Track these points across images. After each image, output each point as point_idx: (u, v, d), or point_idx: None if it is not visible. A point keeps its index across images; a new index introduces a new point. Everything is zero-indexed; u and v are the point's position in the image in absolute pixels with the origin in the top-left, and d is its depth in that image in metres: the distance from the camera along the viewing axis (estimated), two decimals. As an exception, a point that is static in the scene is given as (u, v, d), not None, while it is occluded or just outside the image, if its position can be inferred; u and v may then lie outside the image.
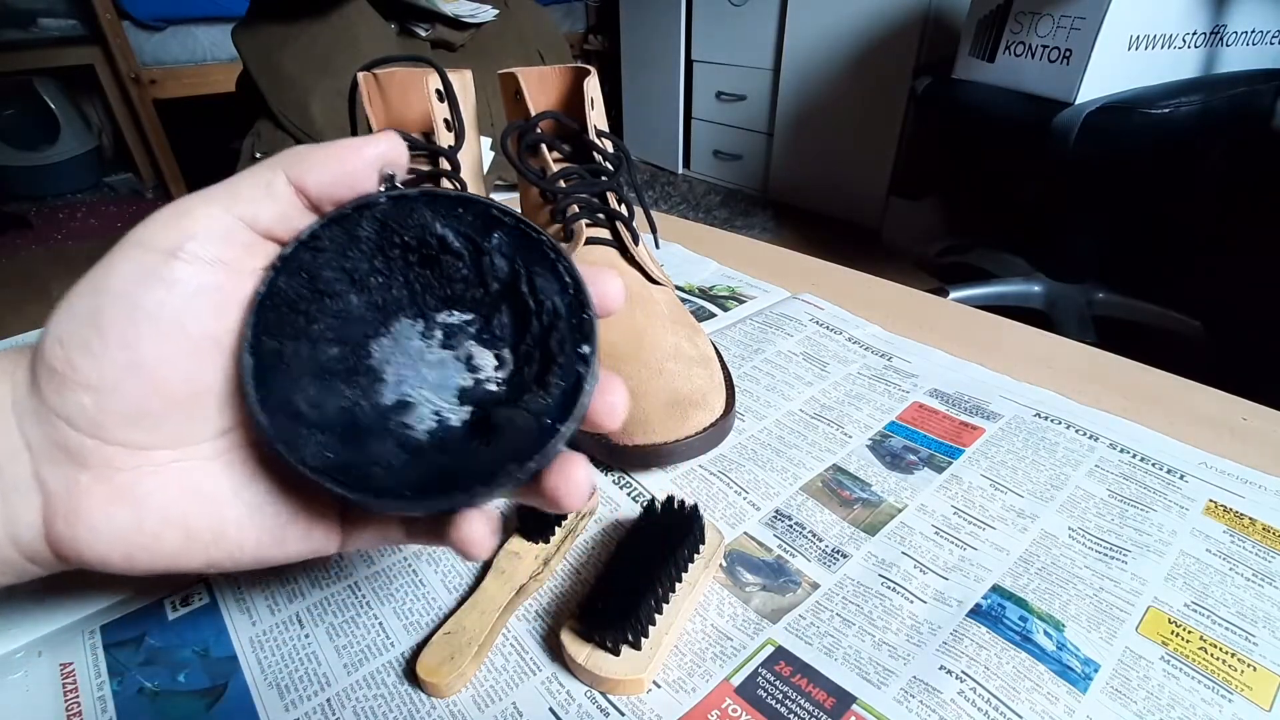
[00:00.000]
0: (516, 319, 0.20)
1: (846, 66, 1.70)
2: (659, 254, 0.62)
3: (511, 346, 0.19)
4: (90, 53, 1.83)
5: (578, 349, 0.19)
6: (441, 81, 0.42)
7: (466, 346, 0.20)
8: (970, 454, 0.36)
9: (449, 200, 0.20)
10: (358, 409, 0.19)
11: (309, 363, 0.19)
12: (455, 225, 0.20)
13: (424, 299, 0.20)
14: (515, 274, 0.20)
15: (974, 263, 1.44)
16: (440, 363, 0.19)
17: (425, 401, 0.19)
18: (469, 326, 0.20)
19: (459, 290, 0.20)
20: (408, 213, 0.20)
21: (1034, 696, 0.24)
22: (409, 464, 0.18)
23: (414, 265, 0.20)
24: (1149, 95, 0.95)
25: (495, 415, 0.18)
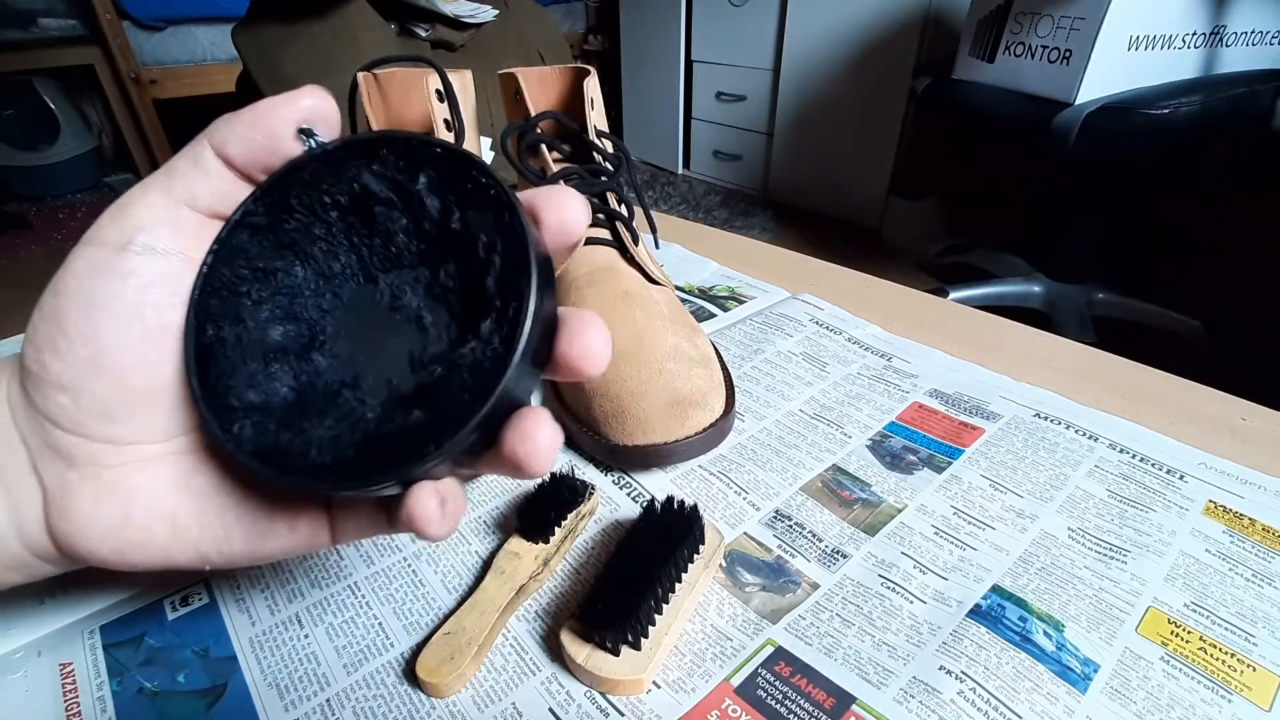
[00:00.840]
0: (461, 265, 0.18)
1: (846, 66, 1.70)
2: (659, 254, 0.62)
3: (462, 295, 0.18)
4: (90, 53, 1.83)
5: (515, 285, 0.17)
6: (441, 81, 0.42)
7: (415, 306, 0.18)
8: (970, 454, 0.36)
9: (369, 144, 0.18)
10: (308, 389, 0.18)
11: (255, 346, 0.18)
12: (381, 172, 0.18)
13: (370, 260, 0.18)
14: (448, 214, 0.18)
15: (974, 263, 1.44)
16: (392, 328, 0.18)
17: (375, 374, 0.18)
18: (416, 283, 0.18)
19: (402, 244, 0.18)
20: (334, 169, 0.18)
21: (1034, 697, 0.24)
22: (351, 442, 0.17)
23: (353, 225, 0.18)
24: (1149, 95, 0.95)
25: (439, 378, 0.17)
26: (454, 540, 0.31)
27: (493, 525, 0.32)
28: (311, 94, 0.19)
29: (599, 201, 0.42)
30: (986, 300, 1.24)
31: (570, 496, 0.30)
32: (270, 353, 0.18)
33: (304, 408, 0.18)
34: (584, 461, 0.36)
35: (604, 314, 0.37)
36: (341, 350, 0.18)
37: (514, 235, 0.17)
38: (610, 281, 0.39)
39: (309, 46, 0.96)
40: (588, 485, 0.31)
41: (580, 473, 0.35)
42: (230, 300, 0.18)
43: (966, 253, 1.47)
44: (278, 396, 0.18)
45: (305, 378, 0.18)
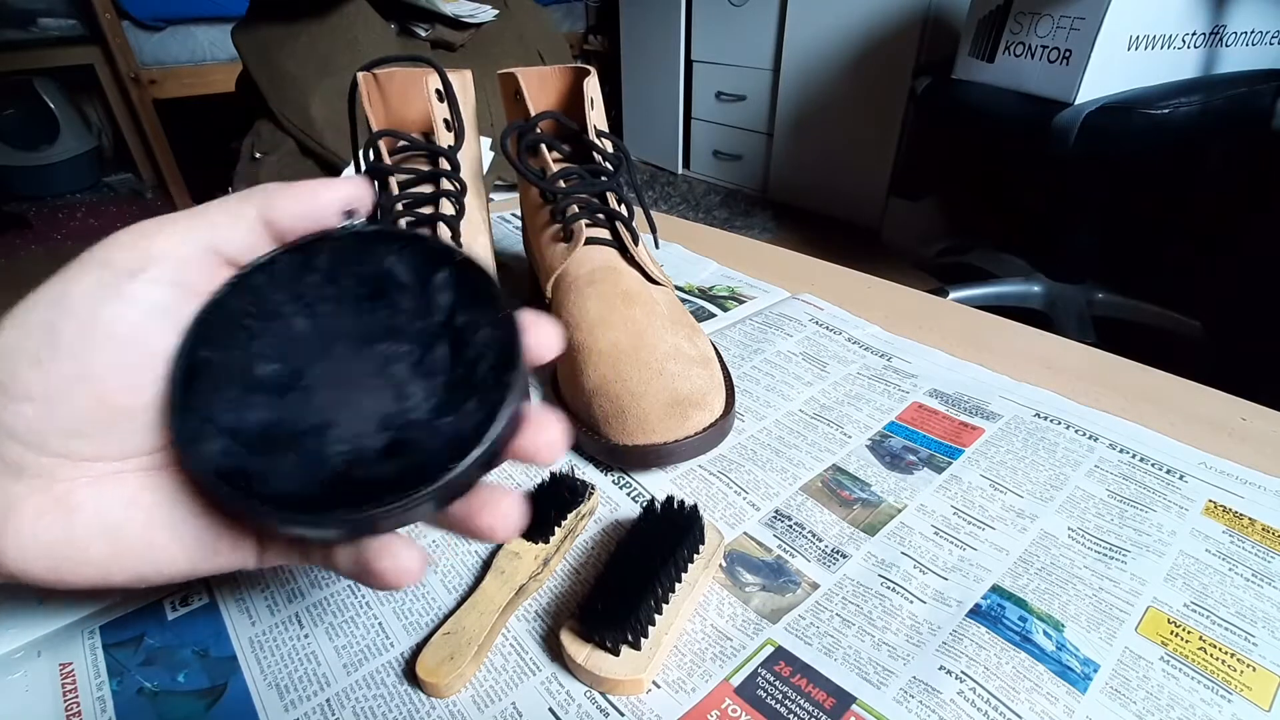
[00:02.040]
0: (452, 353, 0.20)
1: (846, 66, 1.70)
2: (659, 254, 0.62)
3: (444, 379, 0.20)
4: (90, 53, 1.83)
5: (500, 380, 0.19)
6: (441, 81, 0.42)
7: (400, 376, 0.20)
8: (970, 454, 0.36)
9: (402, 237, 0.21)
10: (277, 425, 0.19)
11: (240, 375, 0.19)
12: (405, 261, 0.21)
13: (370, 327, 0.20)
14: (455, 310, 0.20)
15: (974, 263, 1.44)
16: (372, 390, 0.19)
17: (347, 424, 0.19)
18: (406, 357, 0.20)
19: (402, 322, 0.20)
20: (362, 247, 0.21)
21: (1033, 697, 0.24)
22: (309, 480, 0.18)
23: (363, 296, 0.20)
24: (1148, 95, 0.95)
25: (408, 440, 0.19)
26: (454, 540, 0.31)
27: (493, 525, 0.32)
28: (354, 183, 0.21)
29: (599, 201, 0.42)
30: (986, 300, 1.24)
31: (570, 496, 0.30)
32: (253, 384, 0.19)
33: (271, 440, 0.18)
34: (584, 461, 0.36)
35: (604, 314, 0.37)
36: (319, 400, 0.19)
37: (509, 337, 0.20)
38: (610, 281, 0.39)
39: (309, 46, 0.96)
40: (588, 485, 0.31)
41: (580, 473, 0.35)
42: (230, 329, 0.19)
43: (966, 253, 1.47)
44: (250, 424, 0.19)
45: (278, 414, 0.19)
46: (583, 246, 0.40)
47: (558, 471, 0.31)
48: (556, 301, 0.40)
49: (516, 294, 0.48)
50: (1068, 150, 0.97)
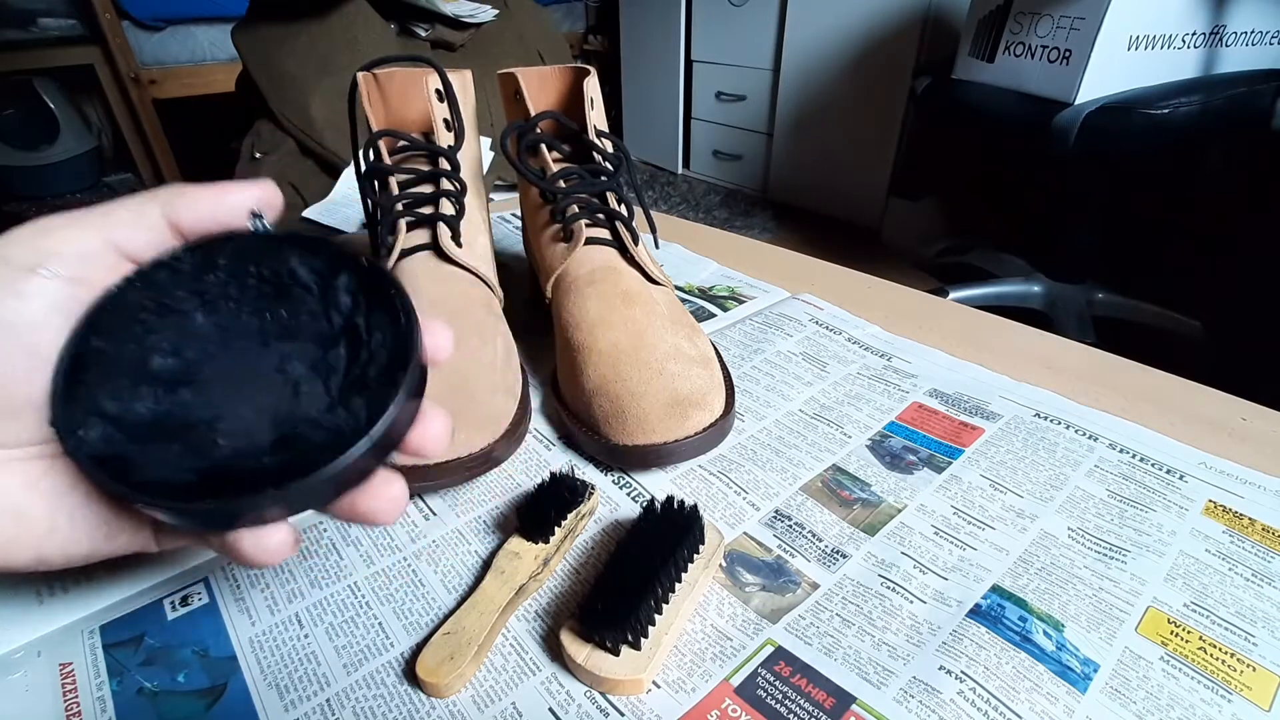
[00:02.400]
0: (350, 353, 0.20)
1: (846, 66, 1.70)
2: (659, 254, 0.62)
3: (339, 379, 0.20)
4: (90, 53, 1.82)
5: (391, 378, 0.19)
6: (441, 81, 0.42)
7: (296, 374, 0.20)
8: (970, 454, 0.36)
9: (309, 241, 0.21)
10: (167, 415, 0.19)
11: (132, 366, 0.19)
12: (310, 263, 0.21)
13: (270, 327, 0.21)
14: (355, 311, 0.21)
15: (974, 263, 1.44)
16: (267, 386, 0.20)
17: (238, 419, 0.19)
18: (305, 356, 0.20)
19: (304, 322, 0.21)
20: (268, 248, 0.21)
21: (1033, 697, 0.24)
22: (192, 469, 0.18)
23: (266, 296, 0.21)
24: (1148, 95, 0.95)
25: (294, 436, 0.19)
26: (454, 540, 0.31)
27: (493, 525, 0.32)
28: (262, 185, 0.21)
29: (599, 201, 0.42)
30: (986, 300, 1.24)
31: (570, 496, 0.30)
32: (142, 376, 0.19)
33: (157, 430, 0.19)
34: (584, 461, 0.36)
35: (604, 314, 0.37)
36: (212, 394, 0.20)
37: (406, 338, 0.20)
38: (610, 281, 0.39)
39: (309, 46, 0.96)
40: (588, 485, 0.31)
41: (580, 473, 0.35)
42: (124, 321, 0.20)
43: (966, 253, 1.47)
44: (134, 414, 0.19)
45: (168, 406, 0.19)
46: (583, 246, 0.40)
47: (558, 471, 0.31)
48: (556, 301, 0.40)
49: (517, 294, 0.48)
50: (1068, 150, 0.96)
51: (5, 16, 1.74)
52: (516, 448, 0.35)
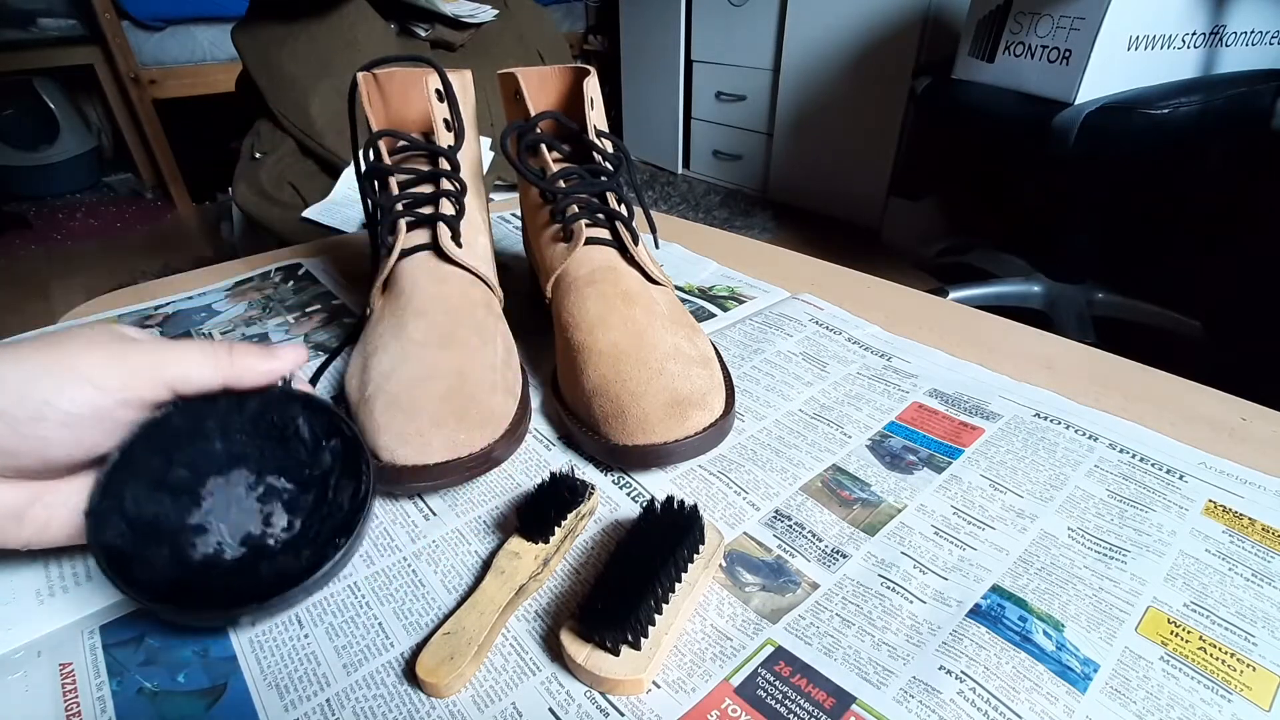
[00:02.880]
0: (317, 501, 0.26)
1: (846, 66, 1.70)
2: (659, 254, 0.62)
3: (304, 518, 0.26)
4: (90, 53, 1.82)
5: (334, 539, 0.25)
6: (441, 81, 0.42)
7: (273, 507, 0.26)
8: (970, 454, 0.36)
9: (317, 404, 0.28)
10: (165, 518, 0.25)
11: (156, 473, 0.25)
12: (311, 422, 0.27)
13: (266, 463, 0.27)
14: (330, 470, 0.27)
15: (974, 263, 1.44)
16: (247, 510, 0.26)
17: (216, 532, 0.25)
18: (283, 493, 0.26)
19: (292, 465, 0.27)
20: (285, 402, 0.27)
21: (1033, 696, 0.24)
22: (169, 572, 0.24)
23: (272, 438, 0.27)
24: (1148, 95, 0.95)
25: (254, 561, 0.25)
26: (454, 540, 0.31)
27: (492, 525, 0.32)
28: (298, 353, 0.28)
29: (599, 201, 0.42)
30: (986, 300, 1.24)
31: (570, 496, 0.30)
32: (161, 484, 0.25)
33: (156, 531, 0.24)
34: (584, 461, 0.36)
35: (604, 314, 0.37)
36: (205, 505, 0.25)
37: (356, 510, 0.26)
38: (610, 281, 0.39)
39: (309, 46, 0.96)
40: (588, 485, 0.31)
41: (580, 473, 0.35)
42: (163, 437, 0.25)
43: (966, 253, 1.47)
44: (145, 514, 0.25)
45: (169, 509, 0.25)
46: (583, 246, 0.40)
47: (558, 471, 0.31)
48: (556, 301, 0.40)
49: (516, 294, 0.48)
50: (1067, 150, 0.96)
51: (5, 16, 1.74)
52: (516, 448, 0.35)
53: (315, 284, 0.57)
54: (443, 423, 0.32)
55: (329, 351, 0.46)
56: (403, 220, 0.40)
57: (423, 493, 0.34)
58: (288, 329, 0.50)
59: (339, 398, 0.38)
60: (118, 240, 1.83)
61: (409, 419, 0.32)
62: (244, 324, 0.51)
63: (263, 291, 0.56)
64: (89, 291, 1.49)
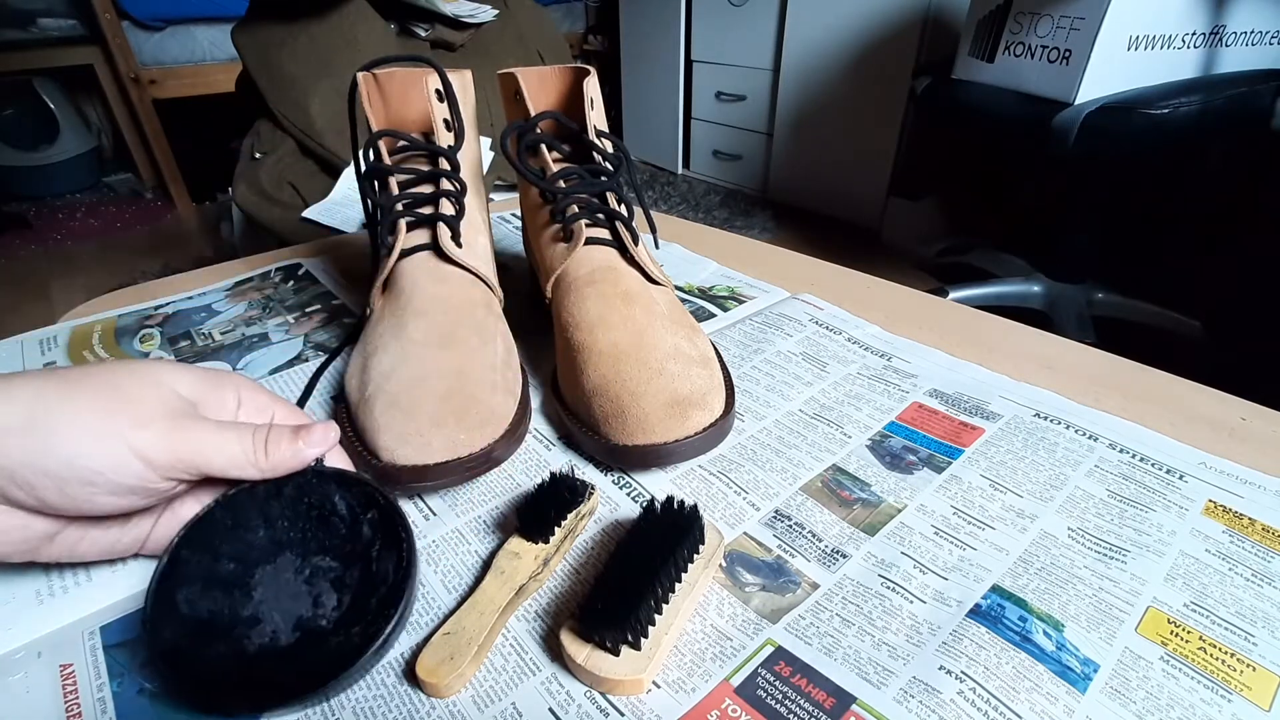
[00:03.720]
0: (364, 575, 0.26)
1: (846, 66, 1.70)
2: (659, 254, 0.62)
3: (352, 594, 0.26)
4: (90, 53, 1.82)
5: (385, 610, 0.25)
6: (441, 81, 0.42)
7: (321, 587, 0.26)
8: (970, 454, 0.36)
9: (351, 480, 0.28)
10: (219, 614, 0.25)
11: (204, 571, 0.26)
12: (347, 499, 0.28)
13: (308, 544, 0.27)
14: (372, 542, 0.27)
15: (974, 263, 1.44)
16: (296, 595, 0.25)
17: (269, 621, 0.25)
18: (330, 573, 0.26)
19: (334, 544, 0.27)
20: (320, 483, 0.28)
21: (1033, 697, 0.24)
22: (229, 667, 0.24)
23: (312, 520, 0.27)
24: (1148, 96, 0.95)
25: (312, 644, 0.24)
26: (454, 540, 0.31)
27: (493, 525, 0.32)
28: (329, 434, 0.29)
29: (599, 201, 0.42)
30: (986, 300, 1.24)
31: (570, 496, 0.30)
32: (211, 580, 0.26)
33: (210, 627, 0.24)
34: (584, 461, 0.36)
35: (604, 314, 0.37)
36: (256, 595, 0.25)
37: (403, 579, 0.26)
38: (610, 281, 0.39)
39: (309, 46, 0.96)
40: (588, 485, 0.31)
41: (580, 473, 0.35)
42: (208, 534, 0.26)
43: (966, 253, 1.47)
44: (198, 612, 0.25)
45: (223, 606, 0.25)
46: (583, 246, 0.40)
47: (558, 471, 0.31)
48: (556, 301, 0.40)
49: (516, 294, 0.48)
50: (1067, 150, 0.96)
51: (5, 16, 1.74)
52: (516, 448, 0.35)
53: (315, 284, 0.57)
54: (443, 423, 0.32)
55: (329, 351, 0.46)
56: (403, 220, 0.40)
57: (423, 493, 0.34)
58: (288, 329, 0.50)
59: (339, 398, 0.38)
60: (118, 240, 1.83)
61: (409, 419, 0.32)
62: (244, 324, 0.51)
63: (263, 291, 0.56)
64: (89, 291, 1.49)
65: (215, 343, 0.48)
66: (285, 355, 0.47)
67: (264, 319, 0.52)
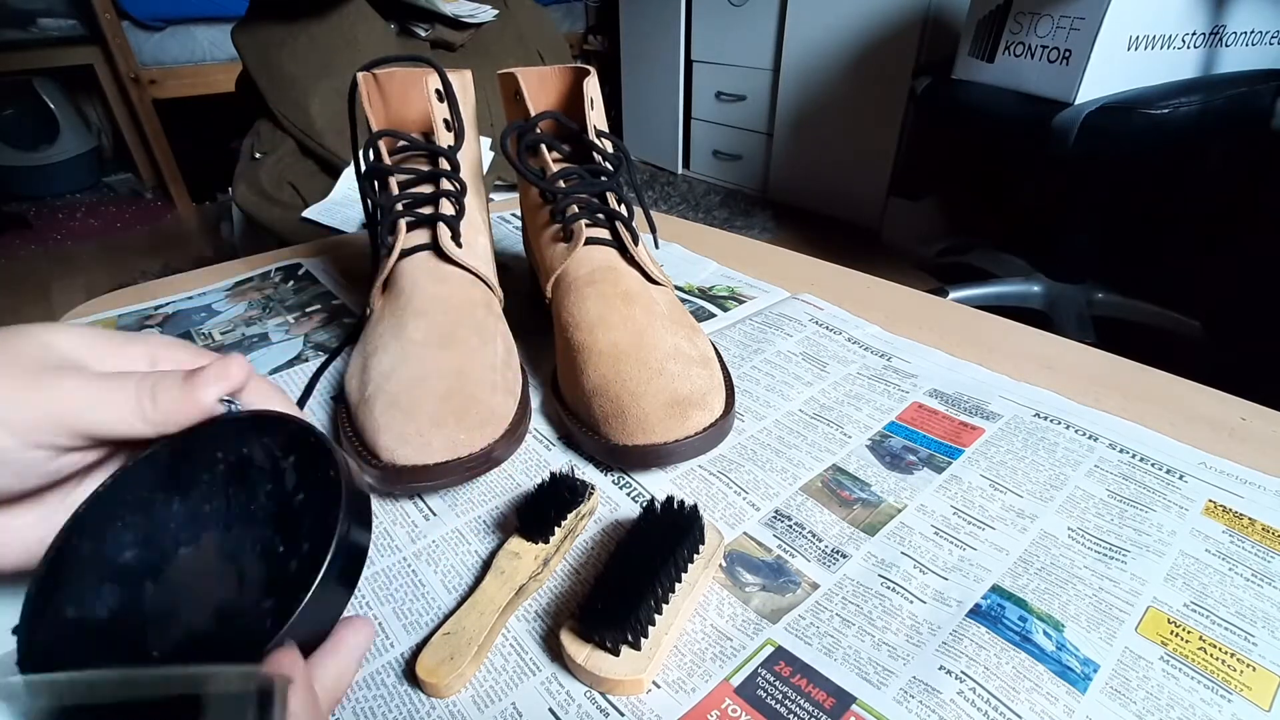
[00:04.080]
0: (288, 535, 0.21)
1: (846, 66, 1.70)
2: (659, 254, 0.62)
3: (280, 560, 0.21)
4: (90, 53, 1.82)
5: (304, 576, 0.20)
6: (441, 81, 0.42)
7: (246, 559, 0.21)
8: (970, 454, 0.36)
9: (269, 421, 0.23)
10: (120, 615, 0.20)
11: (98, 564, 0.21)
12: (265, 443, 0.22)
13: (234, 510, 0.22)
14: (296, 491, 0.22)
15: (974, 263, 1.44)
16: (219, 575, 0.21)
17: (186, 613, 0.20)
18: (255, 540, 0.21)
19: (260, 504, 0.22)
20: (235, 431, 0.23)
21: (1033, 697, 0.24)
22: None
23: (232, 479, 0.22)
24: (1148, 96, 0.95)
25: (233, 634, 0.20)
26: (454, 540, 0.31)
27: (492, 525, 0.32)
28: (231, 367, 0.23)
29: (599, 201, 0.42)
30: (986, 300, 1.24)
31: (570, 496, 0.30)
32: (110, 573, 0.21)
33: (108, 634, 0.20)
34: (584, 461, 0.36)
35: (604, 314, 0.37)
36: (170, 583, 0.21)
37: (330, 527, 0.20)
38: (610, 281, 0.39)
39: (309, 46, 0.96)
40: (588, 485, 0.31)
41: (580, 473, 0.35)
42: (105, 519, 0.21)
43: (966, 253, 1.47)
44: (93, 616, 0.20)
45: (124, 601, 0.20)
46: (583, 246, 0.40)
47: (558, 471, 0.31)
48: (556, 301, 0.40)
49: (516, 294, 0.48)
50: (1067, 150, 0.96)
51: (5, 16, 1.74)
52: (516, 448, 0.35)
53: (315, 284, 0.57)
54: (443, 423, 0.32)
55: (329, 351, 0.46)
56: (403, 220, 0.40)
57: (423, 493, 0.34)
58: (288, 329, 0.50)
59: (339, 398, 0.38)
60: (118, 240, 1.83)
61: (409, 419, 0.32)
62: (244, 324, 0.51)
63: (263, 291, 0.56)
64: (89, 291, 1.49)
65: (215, 343, 0.48)
66: (285, 355, 0.47)
67: (264, 319, 0.52)
